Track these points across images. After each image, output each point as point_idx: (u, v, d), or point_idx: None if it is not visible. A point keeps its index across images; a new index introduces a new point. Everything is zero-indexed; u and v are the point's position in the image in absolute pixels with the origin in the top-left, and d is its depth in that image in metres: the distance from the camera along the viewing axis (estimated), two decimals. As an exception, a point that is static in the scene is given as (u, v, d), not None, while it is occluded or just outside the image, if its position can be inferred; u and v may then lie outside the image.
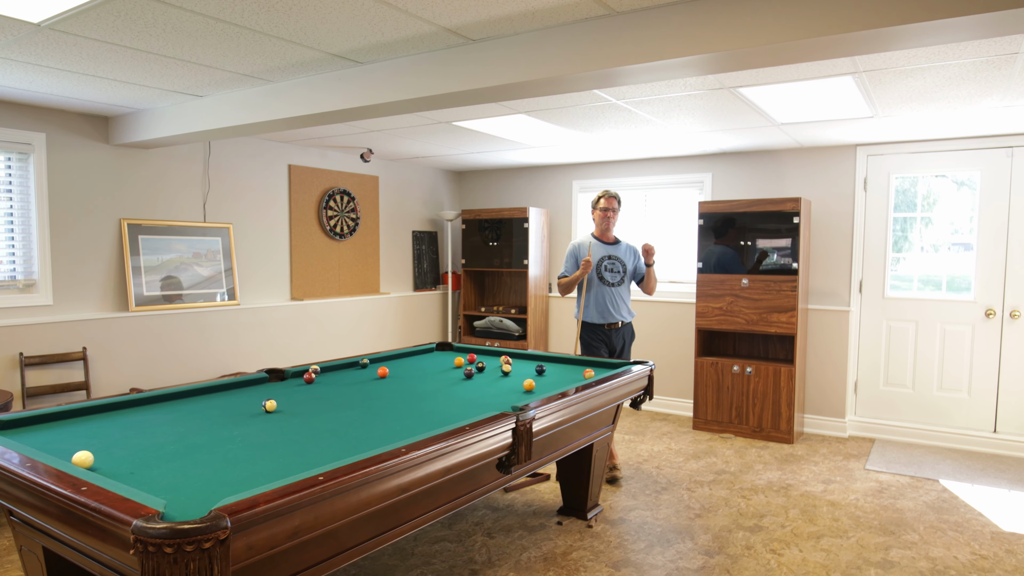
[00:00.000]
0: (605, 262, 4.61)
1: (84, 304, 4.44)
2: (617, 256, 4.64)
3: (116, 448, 2.28)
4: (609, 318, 4.54)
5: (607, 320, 4.54)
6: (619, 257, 4.64)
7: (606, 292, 4.56)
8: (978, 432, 5.20)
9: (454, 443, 2.28)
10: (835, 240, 5.64)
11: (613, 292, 4.57)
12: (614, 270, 4.60)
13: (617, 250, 4.66)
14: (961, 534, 3.60)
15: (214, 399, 3.08)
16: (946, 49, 2.98)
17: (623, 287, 4.62)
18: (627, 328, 4.65)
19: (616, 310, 4.55)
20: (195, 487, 1.91)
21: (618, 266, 4.61)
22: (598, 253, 4.62)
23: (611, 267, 4.60)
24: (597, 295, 4.57)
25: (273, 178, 5.61)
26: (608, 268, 4.60)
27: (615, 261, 4.62)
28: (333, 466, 1.94)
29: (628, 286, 4.66)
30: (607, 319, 4.55)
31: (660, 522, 3.72)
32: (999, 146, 5.06)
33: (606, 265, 4.60)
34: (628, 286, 4.66)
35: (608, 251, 4.64)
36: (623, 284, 4.61)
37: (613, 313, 4.54)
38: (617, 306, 4.56)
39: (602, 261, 4.61)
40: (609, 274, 4.59)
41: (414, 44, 2.95)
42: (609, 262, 4.61)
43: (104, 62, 3.22)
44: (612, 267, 4.60)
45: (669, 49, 2.46)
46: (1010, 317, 5.07)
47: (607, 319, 4.55)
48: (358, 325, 6.33)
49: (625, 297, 4.63)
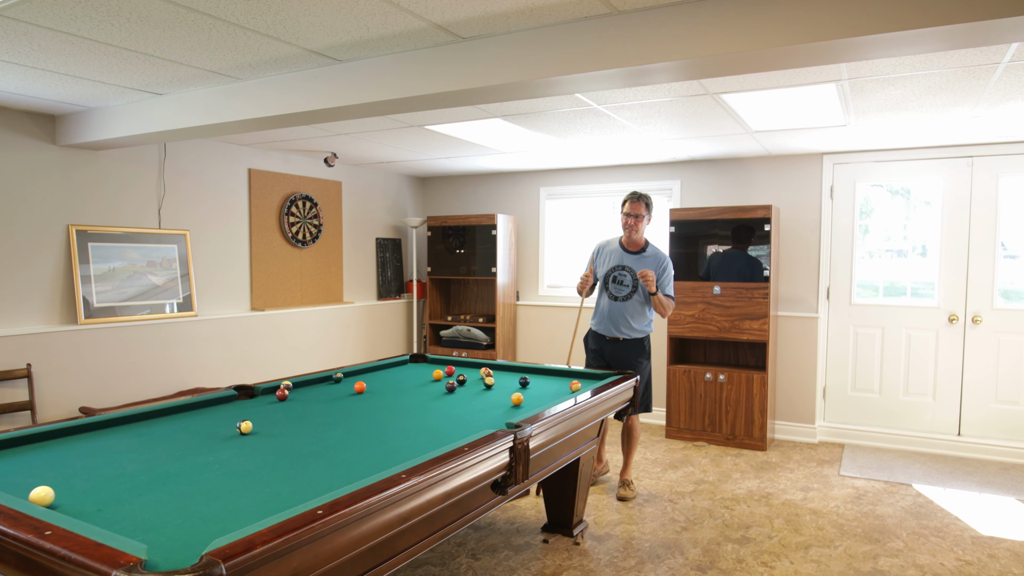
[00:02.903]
0: (616, 272, 4.25)
1: (28, 317, 4.11)
2: (631, 267, 4.23)
3: (77, 480, 2.05)
4: (607, 332, 4.28)
5: (606, 333, 4.29)
6: (633, 269, 4.22)
7: (611, 306, 4.24)
8: (943, 435, 5.29)
9: (455, 466, 2.13)
10: (803, 247, 5.69)
11: (617, 306, 4.22)
12: (622, 283, 4.22)
13: (635, 260, 4.25)
14: (943, 540, 3.62)
15: (180, 420, 2.85)
16: (932, 58, 2.99)
17: (631, 302, 4.20)
18: (632, 344, 4.26)
19: (615, 325, 4.24)
20: (175, 525, 1.71)
21: (627, 279, 4.21)
22: (613, 261, 4.29)
23: (620, 279, 4.23)
24: (602, 305, 4.31)
25: (232, 183, 5.33)
26: (616, 280, 4.24)
27: (626, 273, 4.22)
28: (329, 497, 1.77)
29: (641, 300, 4.22)
30: (606, 332, 4.29)
31: (647, 536, 3.63)
32: (960, 155, 5.18)
33: (615, 276, 4.25)
34: (641, 300, 4.22)
35: (624, 260, 4.26)
36: (631, 299, 4.20)
37: (611, 328, 4.26)
38: (616, 322, 4.23)
39: (613, 271, 4.26)
40: (615, 287, 4.24)
41: (399, 41, 2.80)
42: (620, 273, 4.24)
43: (57, 54, 2.96)
44: (621, 279, 4.23)
45: (673, 51, 2.38)
46: (972, 322, 5.19)
47: (606, 332, 4.29)
48: (322, 336, 6.09)
49: (631, 312, 4.21)
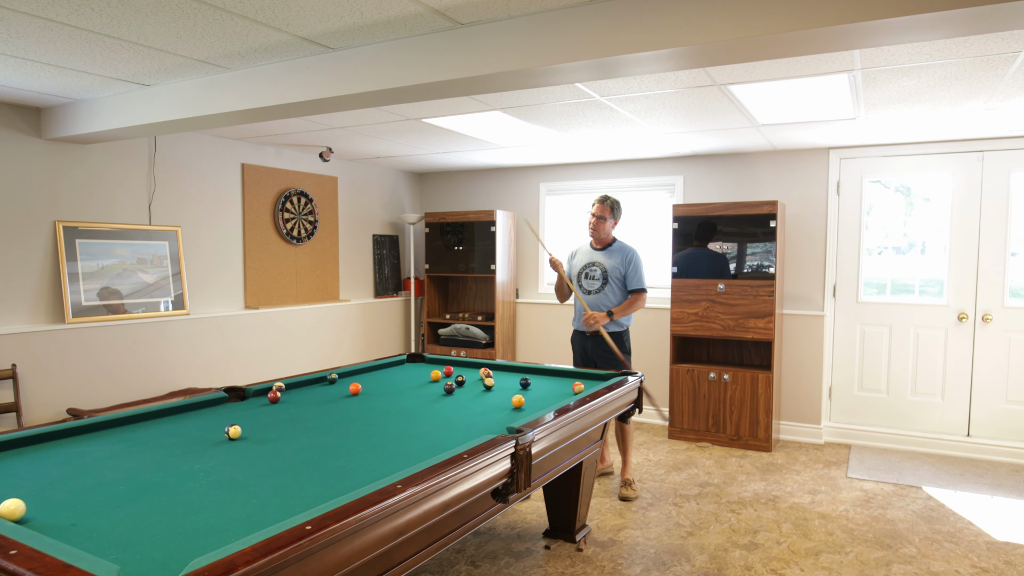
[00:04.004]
0: (587, 268, 4.51)
1: (13, 316, 3.99)
2: (599, 263, 4.46)
3: (53, 491, 1.93)
4: (582, 325, 4.43)
5: (586, 329, 4.40)
6: (601, 263, 4.45)
7: (585, 299, 4.46)
8: (952, 436, 5.18)
9: (454, 474, 2.01)
10: (808, 244, 5.57)
11: (591, 300, 4.45)
12: (592, 277, 4.47)
13: (604, 256, 4.47)
14: (957, 545, 3.51)
15: (167, 424, 2.73)
16: (951, 46, 2.87)
17: (604, 294, 4.41)
18: (612, 339, 4.36)
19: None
20: (153, 542, 1.59)
21: (597, 272, 4.45)
22: (584, 260, 4.55)
23: (591, 274, 4.49)
24: (577, 302, 4.50)
25: (225, 178, 5.20)
26: (588, 275, 4.50)
27: (595, 267, 4.47)
28: (319, 510, 1.65)
29: (614, 291, 4.39)
30: (581, 326, 4.45)
31: (652, 542, 3.52)
32: (971, 150, 5.06)
33: (587, 272, 4.51)
34: (614, 291, 4.39)
35: (593, 257, 4.51)
36: (602, 292, 4.42)
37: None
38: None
39: (584, 268, 4.52)
40: (587, 281, 4.49)
41: (394, 27, 2.68)
42: (590, 268, 4.49)
43: (36, 42, 2.83)
44: (592, 274, 4.48)
45: (682, 37, 2.26)
46: (982, 321, 5.08)
47: (581, 326, 4.45)
48: (317, 334, 5.96)
49: (605, 305, 4.40)
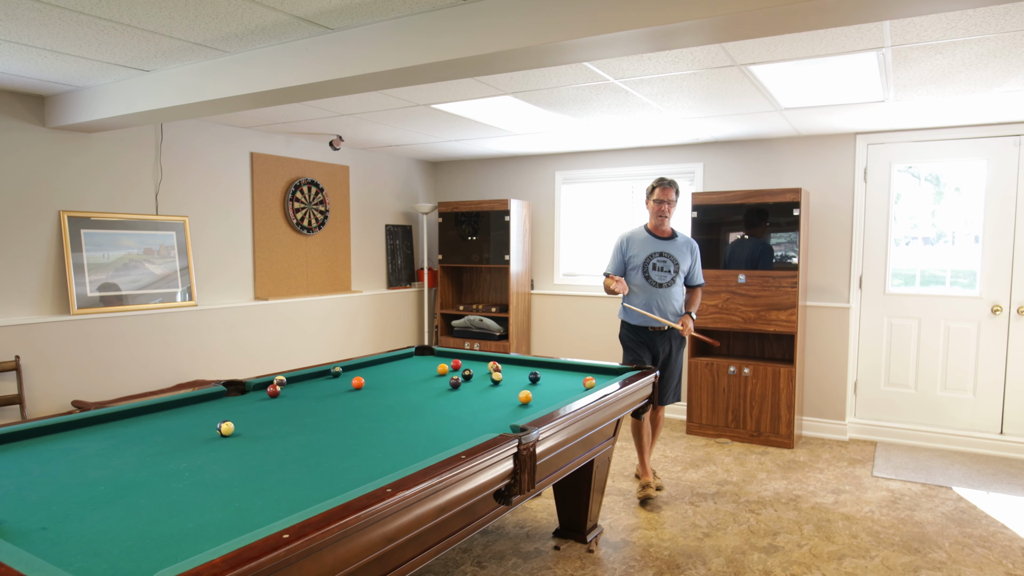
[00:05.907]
0: (655, 259, 4.08)
1: (17, 307, 3.94)
2: (669, 253, 4.09)
3: (30, 491, 1.85)
4: (653, 323, 4.05)
5: (653, 324, 4.05)
6: (671, 254, 4.09)
7: (653, 293, 4.06)
8: (984, 434, 4.97)
9: (449, 477, 1.89)
10: (833, 233, 5.36)
11: (661, 293, 4.05)
12: (664, 269, 4.07)
13: (671, 246, 4.11)
14: (990, 551, 3.33)
15: (160, 419, 2.64)
16: (988, 19, 2.67)
17: (674, 287, 4.08)
18: (675, 332, 4.11)
19: (663, 313, 4.04)
20: (123, 548, 1.49)
21: (669, 264, 4.07)
22: (647, 249, 4.11)
23: (661, 265, 4.07)
24: (643, 296, 4.08)
25: (234, 167, 5.13)
26: (657, 267, 4.07)
27: (666, 259, 4.08)
28: (301, 516, 1.54)
29: (681, 286, 4.13)
30: (653, 323, 4.06)
31: (667, 544, 3.38)
32: (1007, 134, 4.81)
33: (655, 263, 4.08)
34: (681, 286, 4.13)
35: (659, 247, 4.10)
36: (674, 284, 4.07)
37: (660, 316, 4.05)
38: (664, 309, 4.05)
39: (651, 259, 4.09)
40: (657, 273, 4.06)
41: (395, 5, 2.55)
42: (659, 259, 4.08)
43: (27, 25, 2.75)
44: (662, 265, 4.07)
45: (700, 7, 2.10)
46: (1017, 313, 4.84)
47: (653, 323, 4.06)
48: (328, 326, 5.89)
49: (676, 298, 4.09)
